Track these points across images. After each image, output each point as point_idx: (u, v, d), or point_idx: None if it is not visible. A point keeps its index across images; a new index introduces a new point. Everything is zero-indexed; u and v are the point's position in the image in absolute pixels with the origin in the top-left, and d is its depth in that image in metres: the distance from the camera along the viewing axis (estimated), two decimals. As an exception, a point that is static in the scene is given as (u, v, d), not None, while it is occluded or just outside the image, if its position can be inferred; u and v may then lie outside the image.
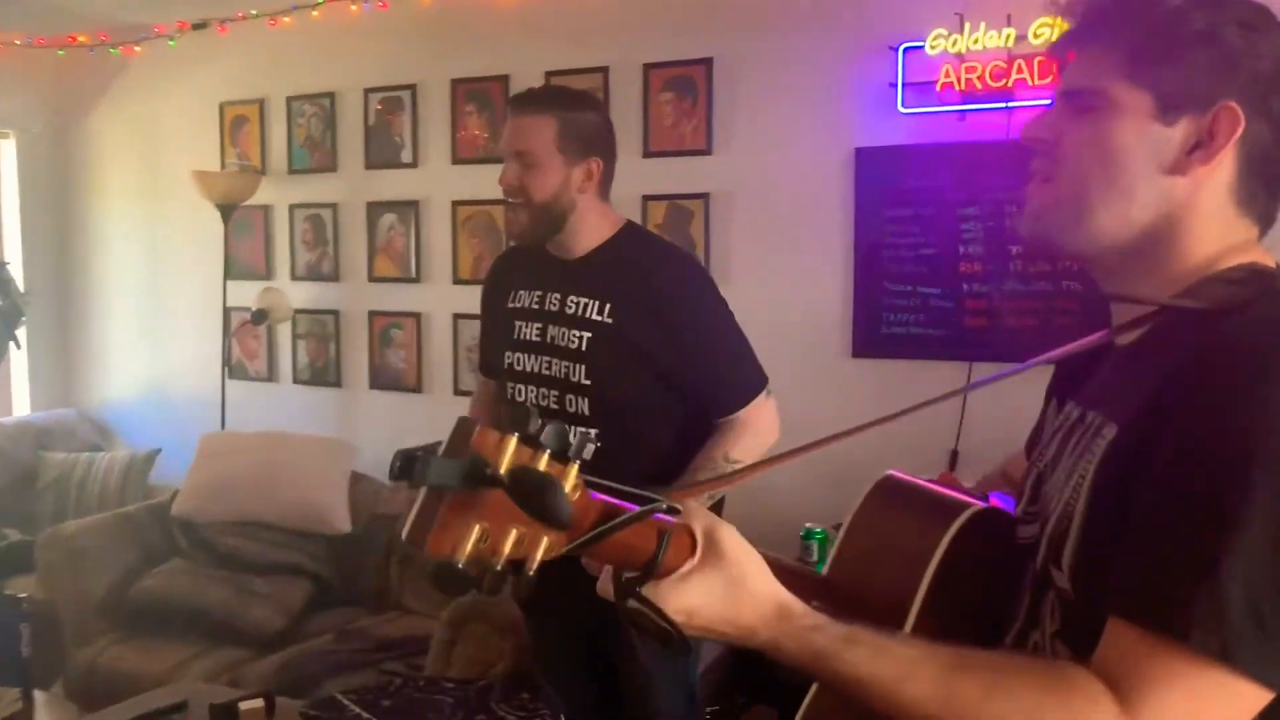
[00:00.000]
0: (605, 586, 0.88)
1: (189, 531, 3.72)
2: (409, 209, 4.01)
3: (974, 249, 3.12)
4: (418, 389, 4.05)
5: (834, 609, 0.97)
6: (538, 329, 2.11)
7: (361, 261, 4.16)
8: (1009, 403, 3.12)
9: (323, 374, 4.27)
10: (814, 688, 1.05)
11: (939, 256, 3.16)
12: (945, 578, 1.00)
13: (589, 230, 2.08)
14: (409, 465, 0.68)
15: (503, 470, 0.71)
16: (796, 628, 0.86)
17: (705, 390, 2.06)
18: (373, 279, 4.14)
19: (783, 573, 0.95)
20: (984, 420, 2.99)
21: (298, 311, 4.26)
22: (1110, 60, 0.91)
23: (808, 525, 2.70)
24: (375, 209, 4.10)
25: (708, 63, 3.45)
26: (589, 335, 2.04)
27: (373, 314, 4.14)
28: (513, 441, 0.72)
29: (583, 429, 2.05)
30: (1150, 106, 0.90)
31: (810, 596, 0.96)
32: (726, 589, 0.85)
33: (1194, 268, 0.93)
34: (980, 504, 1.05)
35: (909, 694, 0.84)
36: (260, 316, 4.16)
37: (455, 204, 3.93)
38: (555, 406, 2.08)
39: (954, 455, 3.15)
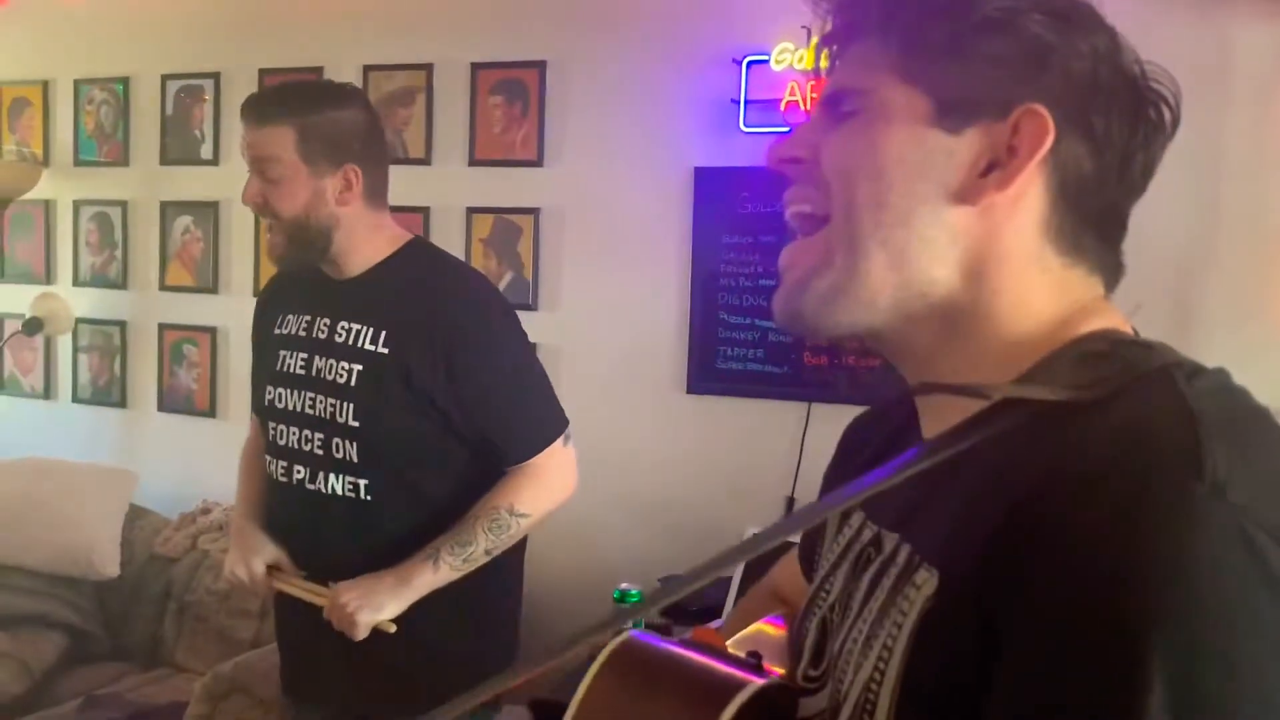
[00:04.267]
0: None
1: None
2: (208, 210, 3.58)
3: (816, 281, 2.90)
4: (210, 413, 3.61)
5: None
6: (303, 359, 1.79)
7: (153, 268, 3.70)
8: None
9: (106, 393, 3.79)
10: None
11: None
12: None
13: (362, 247, 1.78)
14: None
15: None
16: None
17: (493, 436, 1.77)
18: (164, 288, 3.68)
19: None
20: (823, 464, 2.77)
21: (80, 321, 3.78)
22: (881, 57, 0.70)
23: (623, 586, 2.42)
24: (170, 209, 3.66)
25: (541, 66, 3.15)
26: (359, 368, 1.73)
27: (163, 327, 3.69)
28: None
29: (350, 478, 1.74)
30: (928, 110, 0.68)
31: None
32: None
33: (1028, 337, 0.68)
34: (756, 681, 0.75)
35: None
36: (34, 325, 3.66)
37: (261, 208, 3.53)
38: (320, 451, 1.76)
39: (790, 502, 2.93)
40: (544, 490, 1.78)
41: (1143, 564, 0.52)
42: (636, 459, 2.98)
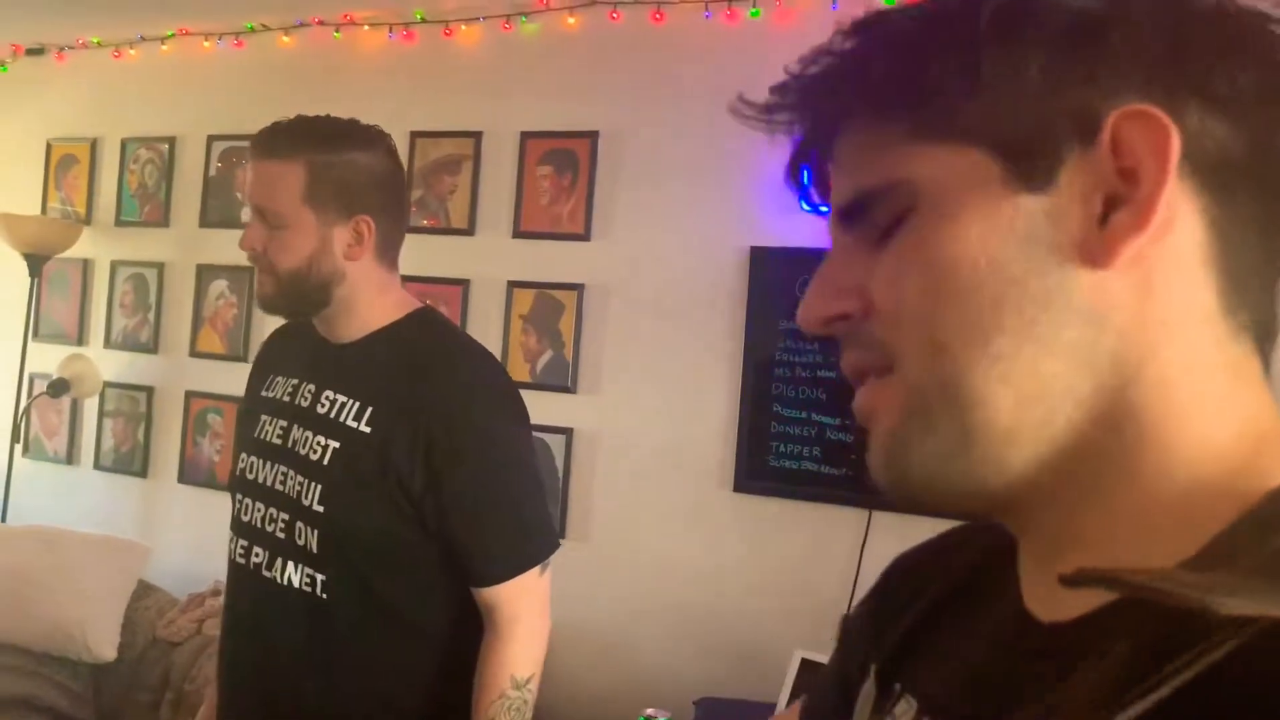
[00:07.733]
0: None
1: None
2: (243, 275, 3.44)
3: (881, 375, 2.64)
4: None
5: None
6: (282, 428, 1.57)
7: (184, 332, 3.56)
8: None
9: (128, 460, 3.63)
10: None
11: (840, 381, 2.66)
12: None
13: (366, 309, 1.57)
14: None
15: None
16: None
17: (463, 546, 1.51)
18: (194, 354, 3.54)
19: None
20: (882, 580, 2.47)
21: (107, 385, 3.64)
22: (890, 131, 0.50)
23: (649, 712, 2.12)
24: (206, 273, 3.52)
25: (593, 136, 2.98)
26: (335, 445, 1.50)
27: (190, 394, 3.53)
28: None
29: (309, 569, 1.49)
30: (996, 171, 0.47)
31: None
32: None
33: (1202, 478, 0.46)
34: None
35: None
36: (60, 387, 3.52)
37: (297, 274, 3.38)
38: (282, 535, 1.52)
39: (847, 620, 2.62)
40: (530, 639, 1.52)
41: None
42: (674, 564, 2.71)
